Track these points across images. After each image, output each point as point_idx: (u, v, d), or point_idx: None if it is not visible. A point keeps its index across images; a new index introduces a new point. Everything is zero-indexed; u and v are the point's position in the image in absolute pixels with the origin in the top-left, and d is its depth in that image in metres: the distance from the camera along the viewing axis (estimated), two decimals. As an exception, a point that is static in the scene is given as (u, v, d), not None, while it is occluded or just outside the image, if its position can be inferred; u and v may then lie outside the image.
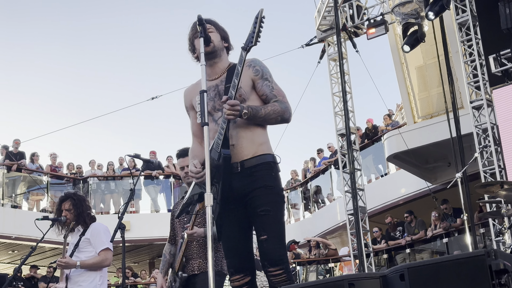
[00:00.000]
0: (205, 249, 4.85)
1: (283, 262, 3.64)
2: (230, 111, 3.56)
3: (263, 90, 3.81)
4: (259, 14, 3.52)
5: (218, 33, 3.93)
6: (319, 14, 12.79)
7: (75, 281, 5.44)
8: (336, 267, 14.65)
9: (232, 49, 4.02)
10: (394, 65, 13.55)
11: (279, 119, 3.78)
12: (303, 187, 18.49)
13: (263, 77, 3.82)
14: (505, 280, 2.47)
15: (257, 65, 3.78)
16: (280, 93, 3.84)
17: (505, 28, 9.63)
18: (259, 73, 3.82)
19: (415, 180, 14.02)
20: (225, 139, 3.64)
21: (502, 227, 7.14)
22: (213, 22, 3.96)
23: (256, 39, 3.52)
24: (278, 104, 3.77)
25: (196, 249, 4.91)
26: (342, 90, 11.83)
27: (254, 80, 3.81)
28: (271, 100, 3.80)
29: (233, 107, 3.56)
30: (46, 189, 16.99)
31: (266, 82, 3.82)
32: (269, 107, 3.74)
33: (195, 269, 4.86)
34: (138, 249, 19.08)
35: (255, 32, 3.51)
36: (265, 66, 3.87)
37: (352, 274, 7.46)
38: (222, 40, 3.94)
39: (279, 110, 3.75)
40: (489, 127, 9.72)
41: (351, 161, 11.29)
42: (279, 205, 3.74)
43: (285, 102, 3.82)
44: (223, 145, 3.63)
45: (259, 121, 3.75)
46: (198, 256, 4.88)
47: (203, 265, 4.84)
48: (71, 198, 5.67)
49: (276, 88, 3.84)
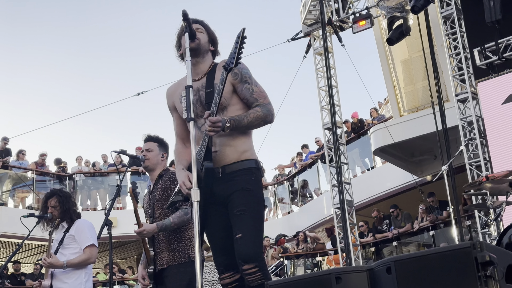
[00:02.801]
0: (171, 242, 4.86)
1: (257, 260, 3.63)
2: (211, 128, 3.55)
3: (243, 94, 3.80)
4: (240, 34, 3.43)
5: (206, 34, 3.92)
6: (305, 8, 12.77)
7: (60, 278, 5.43)
8: (324, 261, 14.68)
9: (218, 54, 4.00)
10: (380, 59, 13.58)
11: (262, 124, 3.79)
12: (290, 182, 18.54)
13: (243, 80, 3.80)
14: (490, 272, 2.48)
15: (236, 68, 3.68)
16: (261, 94, 3.83)
17: (489, 21, 9.66)
18: (238, 77, 3.79)
19: (402, 173, 14.07)
20: (207, 151, 3.65)
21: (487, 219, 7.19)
22: (204, 24, 3.96)
23: (237, 60, 3.45)
24: (260, 109, 3.76)
25: (164, 243, 4.89)
26: (328, 84, 11.83)
27: (234, 84, 3.80)
28: (252, 104, 3.79)
29: (214, 124, 3.54)
30: (32, 186, 16.89)
31: (246, 85, 3.80)
32: (251, 115, 3.73)
33: (164, 263, 4.85)
34: (126, 245, 19.05)
35: (236, 53, 3.44)
36: (244, 68, 3.84)
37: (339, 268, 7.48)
38: (210, 43, 3.94)
39: (261, 115, 3.75)
40: (474, 120, 9.76)
41: (338, 155, 11.30)
42: (257, 207, 3.74)
43: (267, 104, 3.81)
44: (205, 157, 3.65)
45: (242, 130, 3.76)
46: (166, 249, 4.87)
47: (171, 258, 4.83)
48: (57, 195, 5.67)
49: (256, 90, 3.82)
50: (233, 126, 3.65)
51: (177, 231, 4.87)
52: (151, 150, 5.12)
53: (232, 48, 3.47)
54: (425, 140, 12.42)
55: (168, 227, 4.76)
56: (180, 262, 4.80)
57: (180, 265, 4.79)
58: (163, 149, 5.18)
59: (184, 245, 4.85)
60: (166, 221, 4.76)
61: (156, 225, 4.77)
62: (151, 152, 5.11)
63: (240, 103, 3.82)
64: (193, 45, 3.75)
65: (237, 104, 3.81)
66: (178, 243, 4.85)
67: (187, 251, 4.83)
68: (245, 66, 3.85)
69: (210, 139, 3.64)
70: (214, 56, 3.99)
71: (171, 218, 4.74)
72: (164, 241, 4.90)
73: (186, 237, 4.87)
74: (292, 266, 14.74)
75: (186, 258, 4.80)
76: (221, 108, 3.70)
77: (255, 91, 3.81)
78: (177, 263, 4.80)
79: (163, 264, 4.85)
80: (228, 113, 3.75)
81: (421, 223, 13.05)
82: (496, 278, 2.48)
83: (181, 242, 4.85)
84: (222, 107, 3.72)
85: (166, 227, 4.76)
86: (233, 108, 3.78)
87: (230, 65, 3.48)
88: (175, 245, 4.85)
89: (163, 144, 5.21)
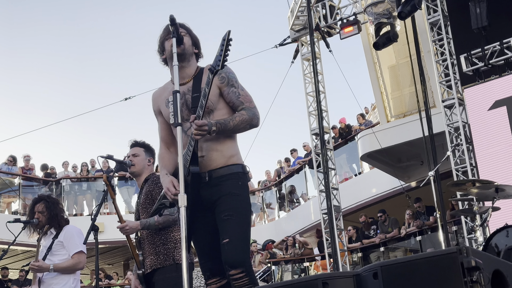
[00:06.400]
0: (156, 245, 4.85)
1: (244, 265, 3.62)
2: (197, 131, 3.55)
3: (229, 97, 3.81)
4: (226, 36, 3.44)
5: (189, 38, 3.92)
6: (292, 14, 12.81)
7: (48, 284, 5.41)
8: (311, 266, 14.68)
9: (202, 57, 4.00)
10: (367, 65, 13.63)
11: (247, 127, 3.80)
12: (278, 187, 18.54)
13: (229, 83, 3.81)
14: (477, 277, 2.49)
15: (223, 72, 3.72)
16: (247, 98, 3.84)
17: (476, 27, 9.74)
18: (224, 80, 3.80)
19: (389, 178, 14.11)
20: (194, 155, 3.65)
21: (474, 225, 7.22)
22: (186, 27, 3.95)
23: (223, 62, 3.46)
24: (245, 113, 3.77)
25: (148, 247, 4.89)
26: (315, 90, 11.85)
27: (221, 87, 3.81)
28: (238, 107, 3.80)
29: (200, 128, 3.54)
30: (18, 192, 16.79)
31: (232, 88, 3.81)
32: (237, 118, 3.74)
33: (148, 267, 4.85)
34: (112, 251, 18.95)
35: (222, 55, 3.46)
36: (231, 72, 3.86)
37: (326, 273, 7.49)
38: (193, 46, 3.93)
39: (247, 118, 3.76)
40: (461, 126, 9.82)
41: (325, 161, 11.32)
42: (244, 211, 3.74)
43: (252, 108, 3.82)
44: (192, 161, 3.65)
45: (228, 133, 3.77)
46: (150, 253, 4.87)
47: (154, 262, 4.82)
48: (44, 200, 5.65)
49: (242, 94, 3.83)
50: (219, 130, 3.65)
51: (162, 233, 4.86)
52: (137, 155, 5.13)
53: (217, 51, 3.49)
54: (412, 146, 12.47)
55: (151, 225, 4.76)
56: (164, 265, 4.78)
57: (165, 271, 4.77)
58: (149, 154, 5.19)
59: (169, 247, 4.83)
60: (150, 219, 4.76)
61: (140, 222, 4.78)
62: (137, 157, 5.12)
63: (226, 107, 3.83)
64: (179, 50, 3.75)
65: (223, 108, 3.82)
66: (163, 245, 4.84)
67: (172, 254, 4.80)
68: (231, 70, 3.87)
69: (196, 143, 3.64)
70: (197, 59, 3.99)
71: (156, 217, 4.72)
72: (149, 244, 4.89)
73: (171, 238, 4.85)
74: (279, 271, 14.73)
75: (171, 261, 4.78)
76: (207, 112, 3.70)
77: (241, 95, 3.83)
78: (162, 266, 4.78)
79: (147, 268, 4.85)
80: (214, 117, 3.75)
81: (408, 228, 13.09)
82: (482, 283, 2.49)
83: (167, 244, 4.84)
84: (209, 110, 3.73)
85: (150, 225, 4.76)
86: (219, 113, 3.79)
87: (216, 67, 3.50)
88: (160, 247, 4.83)
89: (149, 149, 5.22)
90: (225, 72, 3.78)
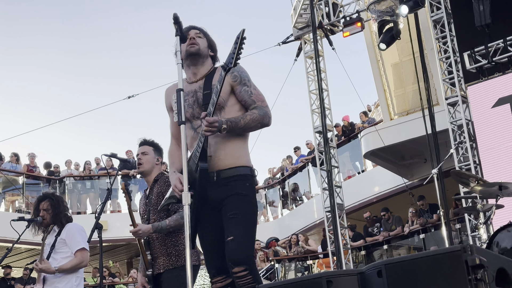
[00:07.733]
0: (167, 246, 4.87)
1: (248, 262, 3.61)
2: (208, 128, 3.55)
3: (241, 96, 3.81)
4: (240, 34, 3.46)
5: (205, 40, 3.94)
6: (295, 12, 12.80)
7: (51, 282, 5.42)
8: (314, 264, 14.67)
9: (218, 60, 4.01)
10: (370, 63, 13.62)
11: (259, 126, 3.79)
12: (281, 185, 18.53)
13: (242, 82, 3.81)
14: (481, 275, 2.49)
15: (236, 70, 3.73)
16: (259, 97, 3.84)
17: (479, 25, 9.72)
18: (237, 79, 3.80)
19: (392, 176, 14.10)
20: (203, 151, 3.65)
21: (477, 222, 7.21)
22: (202, 30, 3.98)
23: (236, 60, 3.48)
24: (257, 111, 3.77)
25: (159, 248, 4.91)
26: (318, 88, 11.84)
27: (233, 85, 3.80)
28: (250, 106, 3.80)
29: (211, 124, 3.55)
30: (22, 190, 16.81)
31: (245, 87, 3.81)
32: (248, 116, 3.74)
33: (161, 268, 4.87)
34: (116, 249, 18.96)
35: (235, 53, 3.47)
36: (244, 71, 3.86)
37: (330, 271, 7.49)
38: (209, 48, 3.95)
39: (258, 117, 3.75)
40: (464, 124, 9.81)
41: (328, 159, 11.31)
42: (250, 211, 3.74)
43: (264, 107, 3.82)
44: (200, 157, 3.65)
45: (239, 132, 3.76)
46: (161, 254, 4.89)
47: (166, 262, 4.85)
48: (49, 198, 5.65)
49: (254, 93, 3.83)
50: (230, 128, 3.64)
51: (173, 235, 4.88)
52: (146, 154, 5.13)
53: (231, 49, 3.51)
54: (415, 144, 12.46)
55: (163, 229, 4.77)
56: (176, 266, 4.81)
57: (174, 270, 4.79)
58: (158, 153, 5.19)
59: (181, 248, 4.85)
60: (162, 223, 4.77)
61: (152, 226, 4.79)
62: (146, 156, 5.12)
63: (237, 104, 3.83)
64: (193, 50, 3.80)
65: (235, 105, 3.82)
66: (174, 247, 4.86)
67: (183, 255, 4.82)
68: (244, 69, 3.86)
69: (206, 140, 3.64)
70: (214, 62, 4.00)
71: (167, 220, 4.76)
72: (160, 246, 4.91)
73: (182, 240, 4.86)
74: (283, 269, 14.73)
75: (183, 262, 4.79)
76: (218, 109, 3.70)
77: (254, 94, 3.83)
78: (173, 267, 4.81)
79: (160, 268, 4.87)
80: (225, 114, 3.75)
81: (411, 226, 13.08)
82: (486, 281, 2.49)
83: (178, 245, 4.86)
84: (220, 107, 3.72)
85: (162, 229, 4.77)
86: (230, 109, 3.78)
87: (228, 65, 3.51)
88: (171, 249, 4.86)
89: (158, 148, 5.22)
90: (237, 70, 3.78)
